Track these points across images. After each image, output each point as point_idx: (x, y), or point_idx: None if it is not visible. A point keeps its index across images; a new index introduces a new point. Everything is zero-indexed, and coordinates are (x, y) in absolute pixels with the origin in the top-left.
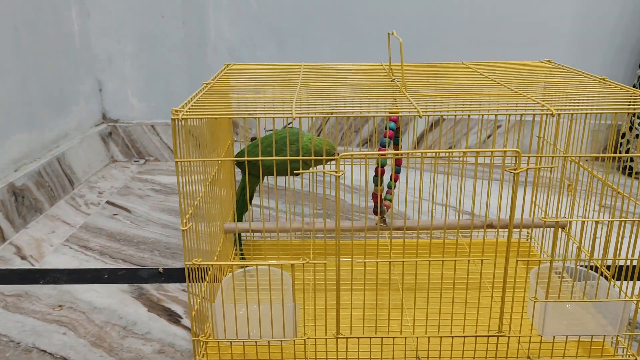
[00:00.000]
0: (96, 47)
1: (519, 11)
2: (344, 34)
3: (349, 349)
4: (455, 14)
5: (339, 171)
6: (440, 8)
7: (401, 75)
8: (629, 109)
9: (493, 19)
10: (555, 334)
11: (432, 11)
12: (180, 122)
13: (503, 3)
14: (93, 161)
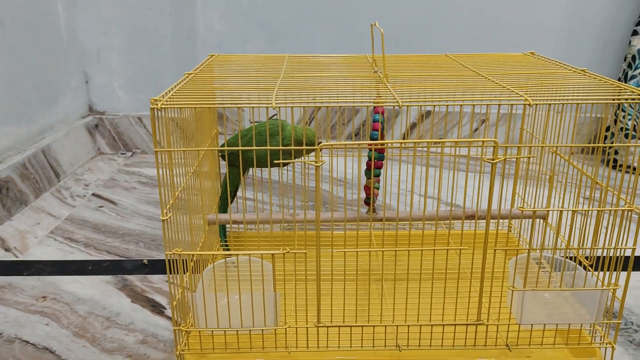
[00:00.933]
0: (83, 40)
1: (506, 6)
2: (334, 28)
3: (330, 338)
4: (444, 9)
5: (319, 161)
6: (430, 3)
7: (384, 66)
8: (607, 100)
9: (481, 14)
10: (533, 322)
11: (422, 6)
12: (159, 112)
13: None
14: (79, 153)
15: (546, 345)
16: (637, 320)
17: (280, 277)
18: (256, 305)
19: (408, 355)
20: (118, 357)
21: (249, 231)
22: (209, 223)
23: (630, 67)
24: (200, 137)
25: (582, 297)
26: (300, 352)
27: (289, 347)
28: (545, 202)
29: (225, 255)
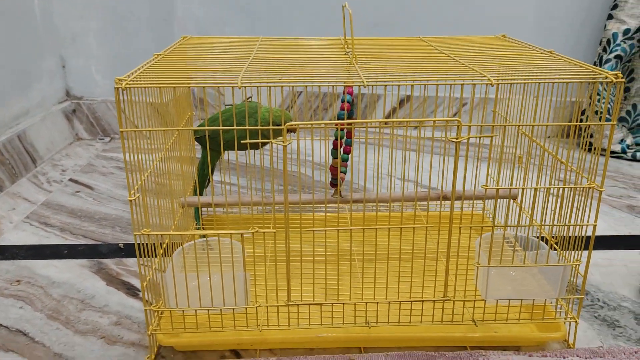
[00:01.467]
0: (59, 24)
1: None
2: (313, 11)
3: (300, 316)
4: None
5: (286, 140)
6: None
7: (352, 48)
8: (569, 79)
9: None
10: (498, 298)
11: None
12: (125, 92)
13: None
14: (56, 139)
15: (511, 321)
16: (604, 297)
17: (251, 258)
18: (226, 285)
19: (377, 331)
20: (92, 338)
21: (225, 214)
22: (181, 206)
23: (605, 51)
24: (174, 121)
25: (547, 274)
26: (271, 330)
27: (260, 325)
28: (517, 184)
29: (195, 236)
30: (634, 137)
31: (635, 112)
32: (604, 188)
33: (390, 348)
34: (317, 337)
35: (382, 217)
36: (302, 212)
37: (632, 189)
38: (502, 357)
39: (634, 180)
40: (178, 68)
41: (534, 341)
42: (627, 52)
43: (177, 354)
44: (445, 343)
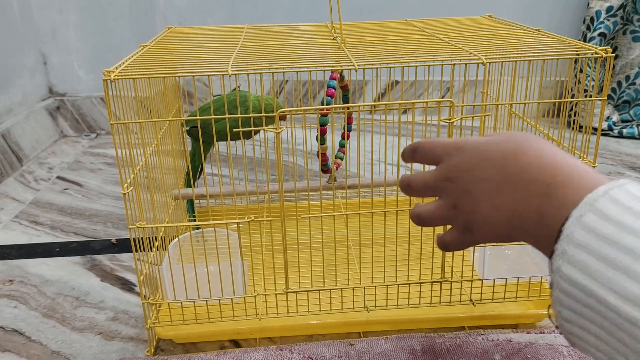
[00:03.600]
0: (37, 18)
1: None
2: None
3: (299, 304)
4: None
5: (279, 128)
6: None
7: (340, 32)
8: (558, 56)
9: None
10: (495, 277)
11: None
12: (112, 84)
13: None
14: (41, 137)
15: (509, 299)
16: None
17: (247, 247)
18: (224, 275)
19: (376, 315)
20: (89, 334)
21: (217, 206)
22: (174, 198)
23: (589, 29)
24: (162, 114)
25: None
26: (270, 318)
27: (259, 314)
28: None
29: (191, 227)
30: (620, 114)
31: (620, 89)
32: (596, 164)
33: (389, 331)
34: (317, 323)
35: (377, 202)
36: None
37: (620, 165)
38: (500, 335)
39: (622, 157)
40: (165, 59)
41: (531, 318)
42: (611, 29)
43: (176, 346)
44: (443, 324)
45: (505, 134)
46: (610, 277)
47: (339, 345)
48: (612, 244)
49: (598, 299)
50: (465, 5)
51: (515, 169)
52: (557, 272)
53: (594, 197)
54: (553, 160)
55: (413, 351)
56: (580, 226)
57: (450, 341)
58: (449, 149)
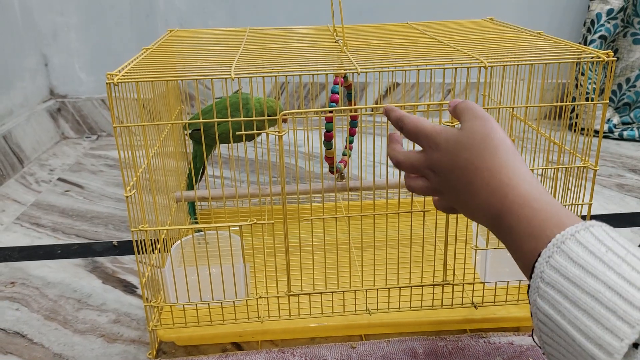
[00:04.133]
0: (39, 21)
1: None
2: (296, 0)
3: (301, 306)
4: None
5: (282, 130)
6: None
7: (343, 35)
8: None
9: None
10: (497, 280)
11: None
12: (116, 87)
13: None
14: (42, 138)
15: (510, 302)
16: None
17: (250, 249)
18: (226, 277)
19: (378, 318)
20: (91, 337)
21: (219, 208)
22: (176, 201)
23: (590, 32)
24: (164, 116)
25: None
26: (272, 321)
27: (261, 317)
28: None
29: (193, 230)
30: (620, 117)
31: (621, 91)
32: (598, 167)
33: (391, 334)
34: (318, 326)
35: (379, 204)
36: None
37: (620, 167)
38: (502, 338)
39: (622, 159)
40: (168, 62)
41: None
42: (612, 32)
43: (178, 348)
44: (445, 327)
45: (476, 137)
46: (576, 316)
47: (341, 348)
48: (577, 287)
49: (567, 334)
50: (466, 8)
51: (484, 191)
52: (534, 304)
53: (561, 239)
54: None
55: (415, 354)
56: (549, 267)
57: (452, 344)
58: (430, 142)
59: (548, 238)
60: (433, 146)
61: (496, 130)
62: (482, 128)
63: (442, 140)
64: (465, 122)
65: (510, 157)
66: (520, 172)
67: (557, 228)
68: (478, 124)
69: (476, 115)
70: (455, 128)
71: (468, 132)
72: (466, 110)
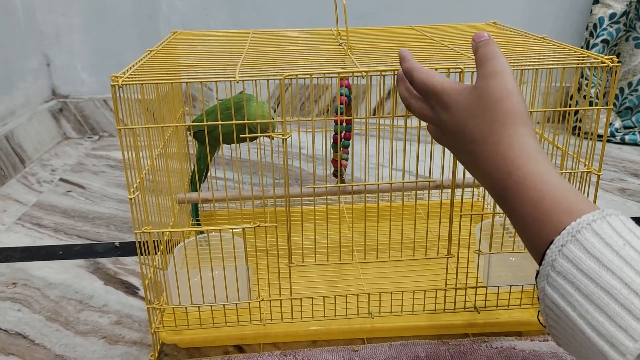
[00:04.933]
0: (41, 21)
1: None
2: (298, 2)
3: (304, 309)
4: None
5: (286, 133)
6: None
7: (347, 38)
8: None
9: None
10: (499, 284)
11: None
12: (120, 89)
13: None
14: (44, 138)
15: (513, 307)
16: None
17: (252, 252)
18: (229, 280)
19: (380, 322)
20: (93, 338)
21: (220, 210)
22: (179, 202)
23: (592, 36)
24: (166, 118)
25: None
26: (275, 324)
27: (263, 319)
28: None
29: (196, 232)
30: (622, 121)
31: (622, 95)
32: (601, 172)
33: (393, 338)
34: (320, 329)
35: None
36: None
37: (622, 172)
38: (504, 342)
39: (624, 164)
40: (172, 64)
41: (535, 326)
42: (614, 36)
43: (180, 351)
44: (447, 331)
45: (488, 102)
46: (588, 310)
47: (343, 351)
48: (592, 281)
49: (576, 326)
50: (470, 12)
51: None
52: (542, 291)
53: (576, 228)
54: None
55: (417, 358)
56: (562, 256)
57: (454, 348)
58: (438, 101)
59: (555, 224)
60: (441, 106)
61: (511, 94)
62: (496, 90)
63: (451, 101)
64: (480, 77)
65: (519, 129)
66: (528, 149)
67: (565, 214)
68: (493, 84)
69: (494, 72)
70: (467, 87)
71: (480, 94)
72: (485, 61)
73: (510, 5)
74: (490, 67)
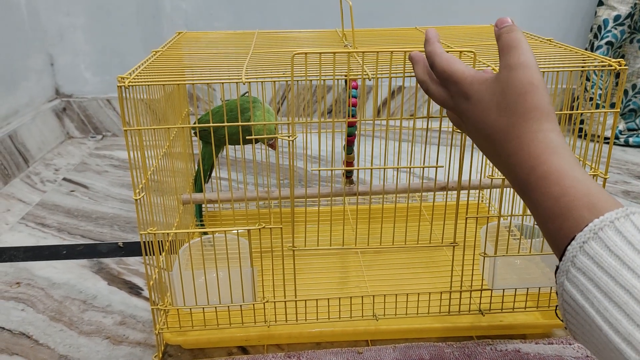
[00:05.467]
0: (45, 21)
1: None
2: (301, 3)
3: (308, 311)
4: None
5: (293, 135)
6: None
7: (352, 40)
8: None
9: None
10: (504, 287)
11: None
12: (126, 90)
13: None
14: (48, 138)
15: (518, 310)
16: None
17: (257, 253)
18: (234, 281)
19: (384, 324)
20: (97, 339)
21: (224, 210)
22: (183, 203)
23: (597, 38)
24: (171, 118)
25: (551, 262)
26: (279, 325)
27: (268, 321)
28: None
29: (202, 233)
30: (626, 123)
31: (626, 97)
32: (608, 175)
33: (397, 340)
34: (325, 331)
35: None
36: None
37: (626, 174)
38: (508, 345)
39: (628, 166)
40: (178, 65)
41: (539, 329)
42: (618, 38)
43: (184, 352)
44: (452, 333)
45: (511, 94)
46: (607, 307)
47: (347, 353)
48: (612, 279)
49: (594, 322)
50: (474, 13)
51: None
52: (560, 286)
53: (599, 225)
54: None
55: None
56: (583, 252)
57: (459, 351)
58: (459, 90)
59: (577, 219)
60: (462, 95)
61: (536, 88)
62: (520, 84)
63: (473, 92)
64: (503, 67)
65: (543, 125)
66: (552, 143)
67: (587, 209)
68: (516, 77)
69: (518, 63)
70: (489, 77)
71: (504, 87)
72: (509, 50)
73: (514, 7)
74: (514, 58)
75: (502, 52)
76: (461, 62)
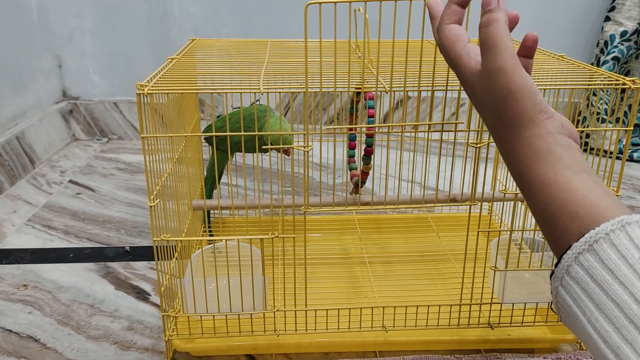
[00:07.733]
0: (54, 23)
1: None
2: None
3: (318, 321)
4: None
5: (308, 146)
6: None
7: (368, 52)
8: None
9: None
10: (514, 301)
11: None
12: (145, 98)
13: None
14: (54, 139)
15: (526, 324)
16: None
17: (269, 261)
18: (245, 289)
19: (393, 335)
20: (104, 344)
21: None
22: (195, 209)
23: (603, 53)
24: (180, 123)
25: None
26: (289, 335)
27: (277, 330)
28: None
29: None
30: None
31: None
32: (619, 193)
33: (406, 352)
34: (334, 341)
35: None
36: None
37: (631, 189)
38: (516, 359)
39: (633, 181)
40: (194, 73)
41: (547, 343)
42: (625, 53)
43: (192, 359)
44: (460, 346)
45: (494, 100)
46: (597, 318)
47: None
48: (604, 292)
49: (585, 330)
50: None
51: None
52: (555, 290)
53: (594, 238)
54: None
55: None
56: (577, 263)
57: None
58: (455, 71)
59: (562, 229)
60: (458, 76)
61: (513, 95)
62: (499, 92)
63: (465, 79)
64: (484, 69)
65: (525, 132)
66: (537, 150)
67: (569, 219)
68: (494, 84)
69: (495, 68)
70: (479, 70)
71: (485, 90)
72: (486, 50)
73: (520, 20)
74: (491, 62)
75: (481, 51)
76: (462, 42)
